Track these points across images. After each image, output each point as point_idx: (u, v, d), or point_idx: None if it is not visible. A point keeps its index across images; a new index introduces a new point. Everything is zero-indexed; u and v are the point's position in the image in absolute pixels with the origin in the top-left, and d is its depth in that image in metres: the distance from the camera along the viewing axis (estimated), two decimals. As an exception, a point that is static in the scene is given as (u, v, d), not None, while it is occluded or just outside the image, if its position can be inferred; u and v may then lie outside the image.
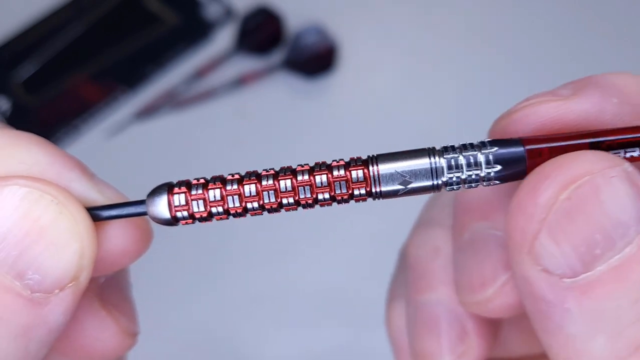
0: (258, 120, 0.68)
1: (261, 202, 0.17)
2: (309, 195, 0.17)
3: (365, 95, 0.69)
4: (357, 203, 0.18)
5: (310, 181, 0.17)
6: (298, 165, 0.18)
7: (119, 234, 0.19)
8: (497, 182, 0.17)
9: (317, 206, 0.18)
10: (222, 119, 0.67)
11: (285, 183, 0.17)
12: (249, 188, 0.17)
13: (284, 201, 0.17)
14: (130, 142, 0.65)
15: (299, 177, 0.17)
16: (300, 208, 0.18)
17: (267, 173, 0.18)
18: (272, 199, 0.17)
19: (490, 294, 0.20)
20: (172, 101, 0.67)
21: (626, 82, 0.19)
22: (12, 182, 0.17)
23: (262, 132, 0.67)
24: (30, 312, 0.16)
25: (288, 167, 0.18)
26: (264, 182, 0.17)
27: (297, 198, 0.17)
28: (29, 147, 0.18)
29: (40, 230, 0.16)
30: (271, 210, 0.18)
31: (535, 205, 0.16)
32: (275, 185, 0.17)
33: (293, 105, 0.69)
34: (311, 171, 0.17)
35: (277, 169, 0.18)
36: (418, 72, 0.70)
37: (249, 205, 0.18)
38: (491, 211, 0.21)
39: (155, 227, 0.19)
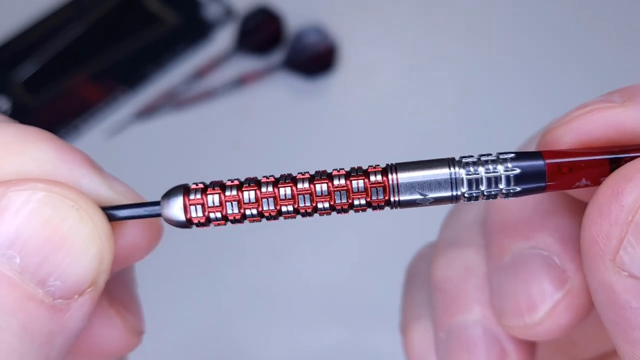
0: (258, 121, 0.68)
1: (279, 208, 0.17)
2: (326, 205, 0.17)
3: (365, 95, 0.69)
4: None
5: (346, 186, 0.17)
6: (310, 175, 0.17)
7: (130, 230, 0.19)
8: (515, 195, 0.17)
9: (333, 213, 0.18)
10: (222, 119, 0.67)
11: (304, 196, 0.17)
12: (267, 193, 0.17)
13: (301, 206, 0.17)
14: (130, 142, 0.65)
15: (318, 186, 0.17)
16: (316, 215, 0.18)
17: (303, 176, 0.17)
18: (302, 204, 0.17)
19: (540, 316, 0.20)
20: (172, 101, 0.67)
21: None
22: (30, 185, 0.16)
23: (262, 132, 0.67)
24: (53, 319, 0.16)
25: (306, 178, 0.18)
26: (282, 192, 0.17)
27: (314, 205, 0.17)
28: (39, 142, 0.17)
29: (61, 236, 0.16)
30: (288, 217, 0.18)
31: (620, 208, 0.15)
32: (311, 188, 0.17)
33: (293, 105, 0.69)
34: (330, 178, 0.17)
35: (294, 174, 0.18)
36: (418, 72, 0.70)
37: (265, 208, 0.17)
38: (532, 230, 0.20)
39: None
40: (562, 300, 0.19)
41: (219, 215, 0.17)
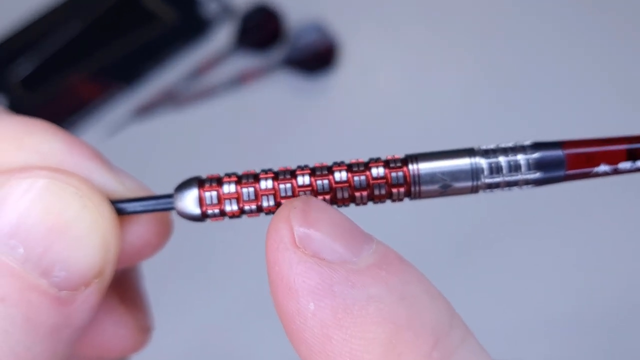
0: (258, 119, 0.67)
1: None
2: (346, 195, 0.17)
3: (365, 93, 0.68)
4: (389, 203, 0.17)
5: (349, 181, 0.17)
6: (334, 164, 0.17)
7: (141, 225, 0.18)
8: (535, 185, 0.17)
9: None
10: (221, 117, 0.67)
11: (322, 182, 0.17)
12: (285, 186, 0.17)
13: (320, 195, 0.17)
14: (129, 141, 0.65)
15: (336, 176, 0.17)
16: (334, 206, 0.17)
17: (303, 172, 0.17)
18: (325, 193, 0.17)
19: None
20: (171, 99, 0.67)
21: None
22: (32, 173, 0.16)
23: (262, 130, 0.66)
24: (58, 311, 0.16)
25: (324, 166, 0.17)
26: (299, 181, 0.17)
27: (333, 194, 0.17)
28: (45, 135, 0.17)
29: (64, 225, 0.16)
30: None
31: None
32: (312, 184, 0.17)
33: (293, 103, 0.69)
34: (350, 169, 0.17)
35: (312, 166, 0.17)
36: (419, 69, 0.69)
37: (282, 197, 0.17)
38: None
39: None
40: None
41: (235, 207, 0.17)
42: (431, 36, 0.71)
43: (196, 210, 0.17)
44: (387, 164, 0.17)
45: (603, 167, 0.16)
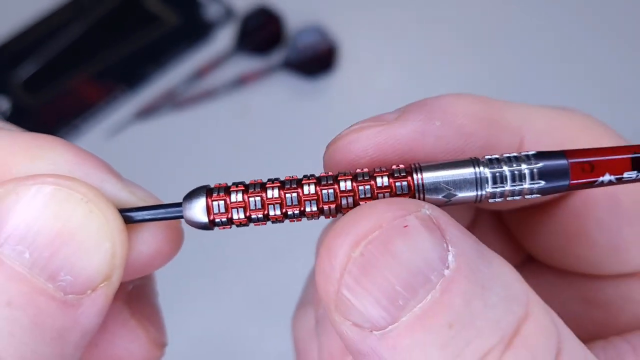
0: (258, 120, 0.68)
1: (302, 209, 0.17)
2: (351, 203, 0.17)
3: (365, 95, 0.69)
4: None
5: (353, 190, 0.17)
6: (339, 174, 0.17)
7: (151, 234, 0.18)
8: (539, 195, 0.17)
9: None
10: (222, 119, 0.67)
11: (327, 191, 0.17)
12: (291, 196, 0.17)
13: (325, 208, 0.17)
14: (131, 142, 0.65)
15: (341, 186, 0.17)
16: (339, 215, 0.17)
17: (309, 181, 0.17)
18: (314, 208, 0.17)
19: None
20: (172, 101, 0.67)
21: (452, 103, 0.19)
22: (39, 180, 0.16)
23: (262, 132, 0.67)
24: (64, 315, 0.16)
25: (330, 175, 0.17)
26: (305, 190, 0.17)
27: (338, 203, 0.17)
28: (55, 148, 0.17)
29: (70, 230, 0.16)
30: (311, 217, 0.17)
31: (331, 266, 0.16)
32: (318, 193, 0.17)
33: (293, 105, 0.69)
34: (354, 179, 0.17)
35: (317, 175, 0.17)
36: (418, 71, 0.70)
37: (290, 213, 0.17)
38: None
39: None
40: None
41: (242, 216, 0.17)
42: (429, 39, 0.71)
43: (204, 219, 0.17)
44: (391, 174, 0.17)
45: (608, 177, 0.16)
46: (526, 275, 0.16)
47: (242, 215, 0.17)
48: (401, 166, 0.17)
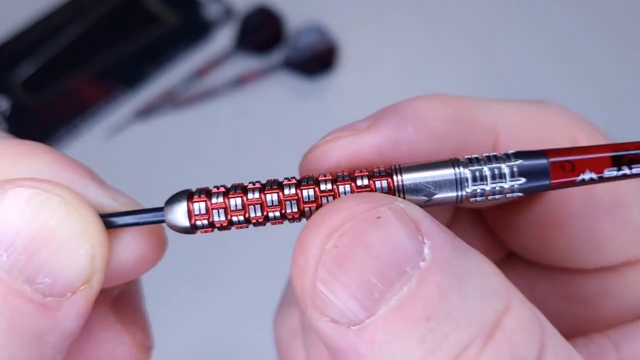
0: (258, 120, 0.68)
1: (283, 211, 0.17)
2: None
3: (365, 94, 0.69)
4: None
5: (333, 191, 0.17)
6: (320, 176, 0.17)
7: (134, 240, 0.18)
8: (521, 194, 0.17)
9: None
10: (221, 118, 0.67)
11: (307, 192, 0.17)
12: (271, 197, 0.17)
13: (306, 209, 0.17)
14: (130, 142, 0.65)
15: (322, 187, 0.17)
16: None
17: (289, 182, 0.17)
18: (295, 209, 0.17)
19: None
20: (171, 101, 0.67)
21: (424, 107, 0.18)
22: (17, 183, 0.16)
23: (261, 131, 0.67)
24: (43, 317, 0.16)
25: (310, 177, 0.17)
26: (286, 192, 0.17)
27: (319, 203, 0.17)
28: (36, 154, 0.17)
29: (48, 232, 0.16)
30: (292, 220, 0.17)
31: (305, 259, 0.15)
32: (298, 194, 0.17)
33: (293, 105, 0.69)
34: (334, 181, 0.17)
35: (298, 178, 0.17)
36: (418, 71, 0.70)
37: (271, 215, 0.17)
38: None
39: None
40: None
41: (223, 219, 0.17)
42: (429, 38, 0.71)
43: (186, 223, 0.17)
44: (371, 174, 0.17)
45: (589, 174, 0.16)
46: (506, 271, 0.16)
47: (222, 218, 0.17)
48: (381, 167, 0.17)
